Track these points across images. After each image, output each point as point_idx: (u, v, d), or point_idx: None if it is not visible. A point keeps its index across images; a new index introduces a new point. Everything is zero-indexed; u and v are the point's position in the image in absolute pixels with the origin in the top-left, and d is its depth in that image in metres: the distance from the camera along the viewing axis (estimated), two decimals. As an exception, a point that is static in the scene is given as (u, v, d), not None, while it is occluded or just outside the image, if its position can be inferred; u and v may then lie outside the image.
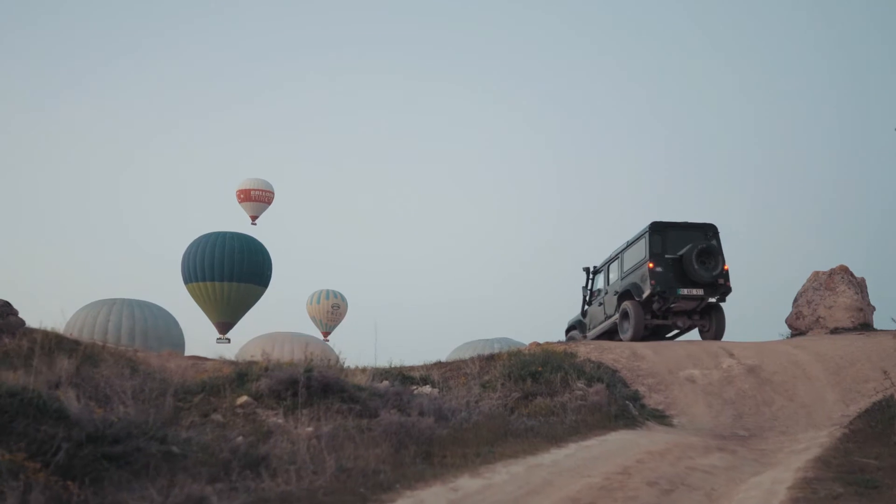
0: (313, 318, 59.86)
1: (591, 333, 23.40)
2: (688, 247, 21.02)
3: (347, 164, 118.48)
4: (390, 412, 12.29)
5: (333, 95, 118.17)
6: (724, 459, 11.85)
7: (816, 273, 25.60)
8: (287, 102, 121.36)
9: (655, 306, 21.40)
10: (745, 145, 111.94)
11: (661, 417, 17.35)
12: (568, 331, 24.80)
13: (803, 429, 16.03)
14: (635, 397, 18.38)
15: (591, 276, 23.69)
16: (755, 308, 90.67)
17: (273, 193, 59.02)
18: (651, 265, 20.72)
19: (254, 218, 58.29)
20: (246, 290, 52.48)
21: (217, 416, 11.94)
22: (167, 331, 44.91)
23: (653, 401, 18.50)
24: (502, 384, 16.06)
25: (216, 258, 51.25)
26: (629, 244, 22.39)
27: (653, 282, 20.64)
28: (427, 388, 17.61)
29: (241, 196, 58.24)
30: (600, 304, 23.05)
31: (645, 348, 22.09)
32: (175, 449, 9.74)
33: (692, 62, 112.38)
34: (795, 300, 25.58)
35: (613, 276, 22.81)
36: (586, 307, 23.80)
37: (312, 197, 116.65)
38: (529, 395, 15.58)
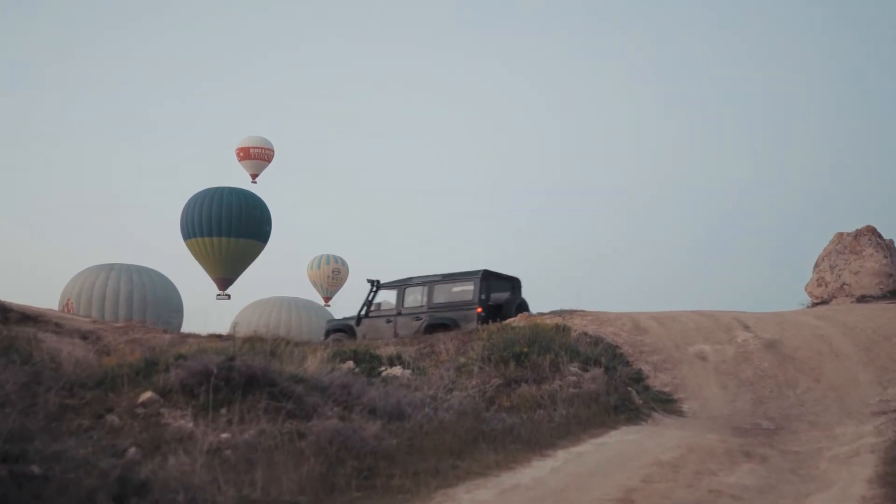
0: (314, 283, 59.14)
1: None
2: (507, 297, 22.94)
3: (352, 128, 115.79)
4: (330, 412, 9.80)
5: (339, 58, 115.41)
6: (755, 474, 9.29)
7: (840, 235, 23.38)
8: (293, 62, 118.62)
9: None
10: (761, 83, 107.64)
11: (668, 402, 14.99)
12: (329, 333, 24.45)
13: (837, 418, 13.69)
14: (639, 378, 16.05)
15: (375, 288, 24.06)
16: (770, 273, 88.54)
17: (273, 151, 57.99)
18: (479, 310, 21.95)
19: (254, 176, 57.24)
20: (245, 246, 51.61)
21: (112, 418, 9.40)
22: (166, 295, 44.73)
23: (658, 381, 16.16)
24: (480, 368, 13.53)
25: (213, 213, 50.46)
26: (447, 278, 23.24)
27: (478, 325, 20.96)
28: (397, 370, 15.40)
29: (241, 154, 57.27)
30: (389, 321, 23.37)
31: (650, 319, 19.73)
32: (35, 469, 7.29)
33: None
34: (816, 265, 23.32)
35: (413, 300, 23.35)
36: (363, 318, 23.90)
37: (314, 160, 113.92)
38: (512, 382, 13.05)
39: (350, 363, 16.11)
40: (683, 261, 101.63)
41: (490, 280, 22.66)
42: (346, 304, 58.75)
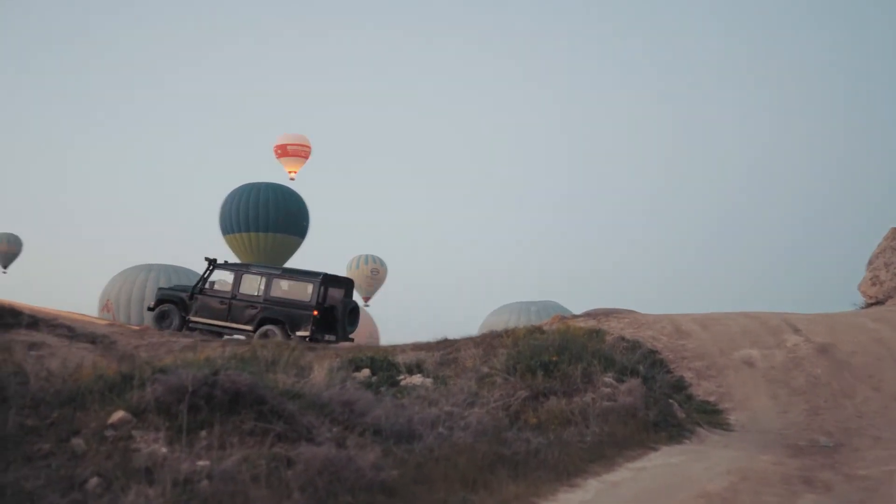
0: None
1: (195, 318, 24.11)
2: (342, 302, 23.91)
3: (388, 125, 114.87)
4: (328, 434, 8.54)
5: (379, 52, 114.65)
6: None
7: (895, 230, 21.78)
8: (333, 59, 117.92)
9: (298, 338, 23.08)
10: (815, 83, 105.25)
11: (713, 414, 13.73)
12: (161, 301, 24.74)
13: (903, 432, 12.31)
14: (680, 386, 14.81)
15: (212, 267, 24.50)
16: (820, 271, 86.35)
17: (310, 148, 57.87)
18: (315, 312, 23.00)
19: (292, 173, 57.10)
20: (283, 241, 51.33)
21: (77, 442, 8.17)
22: None
23: (702, 390, 14.92)
24: (505, 378, 12.21)
25: (251, 208, 50.46)
26: (287, 274, 24.37)
27: (312, 328, 22.84)
28: (417, 379, 14.27)
29: (279, 151, 57.24)
30: (223, 302, 23.89)
31: (691, 322, 18.43)
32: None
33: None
34: (870, 262, 21.94)
35: (249, 288, 23.89)
36: (197, 294, 24.26)
37: (352, 158, 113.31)
38: (540, 395, 11.71)
39: (366, 371, 14.98)
40: (727, 259, 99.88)
41: (328, 283, 23.63)
42: (384, 304, 58.25)
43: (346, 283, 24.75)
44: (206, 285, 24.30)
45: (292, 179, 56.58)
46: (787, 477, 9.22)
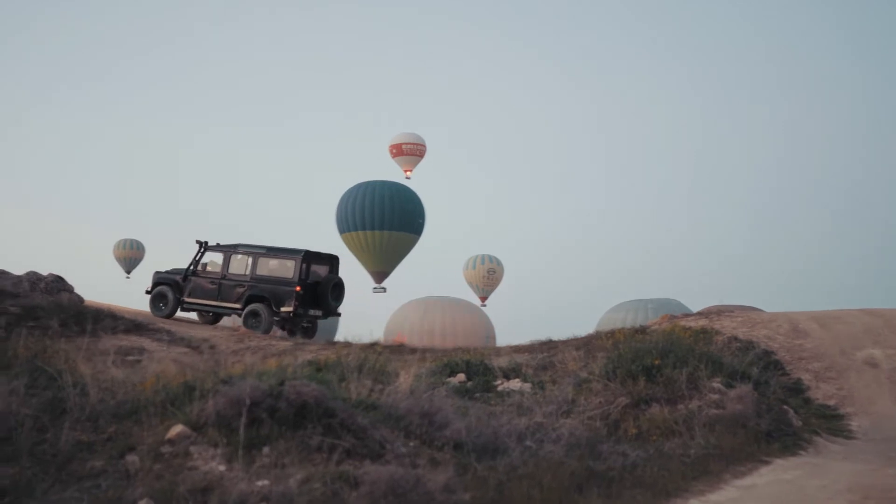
0: (470, 284, 58.73)
1: (188, 299, 25.09)
2: (325, 278, 24.74)
3: (505, 124, 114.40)
4: (403, 449, 7.81)
5: (499, 48, 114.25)
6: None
7: None
8: (450, 57, 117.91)
9: (283, 315, 24.24)
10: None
11: (832, 419, 12.71)
12: (157, 284, 25.57)
13: None
14: (797, 389, 13.79)
15: (203, 249, 25.36)
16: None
17: (425, 147, 58.22)
18: (298, 288, 23.80)
19: (407, 171, 57.69)
20: (399, 239, 51.18)
21: (132, 459, 7.60)
22: None
23: (821, 393, 13.90)
24: (605, 385, 11.33)
25: (366, 207, 50.42)
26: (271, 252, 24.83)
27: (296, 303, 23.70)
28: (516, 384, 13.58)
29: (394, 151, 57.87)
30: (213, 283, 24.88)
31: (809, 320, 17.27)
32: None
33: None
34: None
35: (237, 268, 24.75)
36: (190, 276, 25.24)
37: (468, 157, 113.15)
38: (641, 402, 10.80)
39: (461, 376, 14.29)
40: (846, 253, 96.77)
41: (310, 260, 24.35)
42: (500, 304, 58.04)
43: (331, 260, 25.40)
44: (199, 267, 25.27)
45: (408, 178, 56.81)
46: (918, 495, 8.21)
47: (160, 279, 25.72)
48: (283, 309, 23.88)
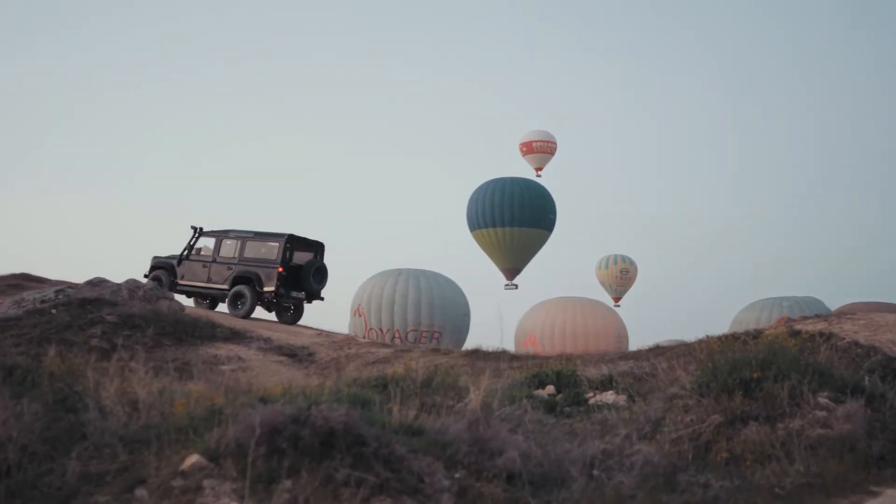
0: (602, 284, 58.92)
1: (182, 281, 27.08)
2: (307, 261, 26.71)
3: (636, 122, 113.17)
4: (447, 481, 6.81)
5: (631, 47, 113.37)
6: None
7: None
8: (576, 54, 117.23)
9: (267, 298, 26.25)
10: None
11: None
12: (154, 268, 27.47)
13: None
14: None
15: (197, 235, 27.47)
16: None
17: (556, 144, 58.74)
18: (280, 269, 25.66)
19: (538, 170, 58.16)
20: (530, 235, 51.95)
21: (142, 494, 6.76)
22: (453, 300, 43.78)
23: (952, 409, 12.26)
24: (698, 401, 10.06)
25: (496, 204, 51.09)
26: (257, 235, 26.82)
27: (278, 283, 25.58)
28: (609, 396, 12.72)
29: (524, 149, 58.62)
30: (205, 266, 26.92)
31: (941, 320, 15.72)
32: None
33: None
34: None
35: (227, 251, 26.77)
36: (184, 260, 27.26)
37: (602, 154, 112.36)
38: (737, 420, 9.52)
39: (550, 388, 13.28)
40: None
41: (294, 244, 26.35)
42: (634, 304, 57.44)
43: (316, 246, 27.39)
44: (193, 252, 27.40)
45: (539, 176, 57.33)
46: None
47: (157, 263, 27.74)
48: (266, 289, 25.69)
